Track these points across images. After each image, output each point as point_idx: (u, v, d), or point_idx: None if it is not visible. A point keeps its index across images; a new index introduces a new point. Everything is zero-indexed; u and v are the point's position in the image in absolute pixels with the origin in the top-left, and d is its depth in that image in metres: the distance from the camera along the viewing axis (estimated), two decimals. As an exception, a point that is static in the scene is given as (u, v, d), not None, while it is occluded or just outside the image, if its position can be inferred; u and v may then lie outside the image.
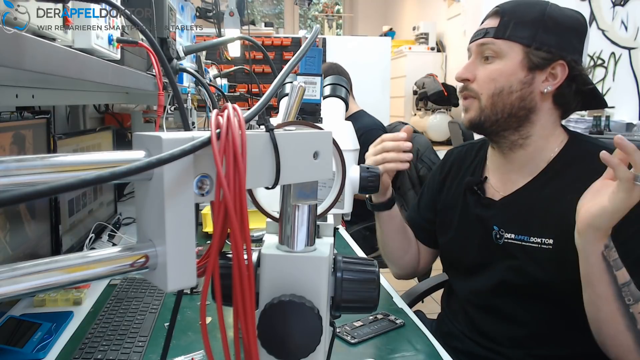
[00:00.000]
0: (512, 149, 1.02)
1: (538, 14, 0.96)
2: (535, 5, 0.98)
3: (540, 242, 0.95)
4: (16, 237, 1.00)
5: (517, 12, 0.97)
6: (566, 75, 0.95)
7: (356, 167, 0.75)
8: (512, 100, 0.96)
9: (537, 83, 0.96)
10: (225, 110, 0.34)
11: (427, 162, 2.16)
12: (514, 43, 0.96)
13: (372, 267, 0.48)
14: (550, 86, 0.96)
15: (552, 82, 0.96)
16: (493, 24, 0.99)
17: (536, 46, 0.94)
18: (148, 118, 1.85)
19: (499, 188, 1.06)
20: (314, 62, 0.65)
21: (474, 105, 1.00)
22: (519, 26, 0.96)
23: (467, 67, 1.01)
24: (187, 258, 0.34)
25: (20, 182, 0.28)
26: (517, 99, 0.96)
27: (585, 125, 2.80)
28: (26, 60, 0.48)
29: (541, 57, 0.94)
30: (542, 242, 0.95)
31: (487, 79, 0.98)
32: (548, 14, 0.95)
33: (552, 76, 0.96)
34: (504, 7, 0.99)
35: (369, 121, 2.32)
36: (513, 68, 0.96)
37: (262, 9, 7.15)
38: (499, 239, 1.02)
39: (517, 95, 0.96)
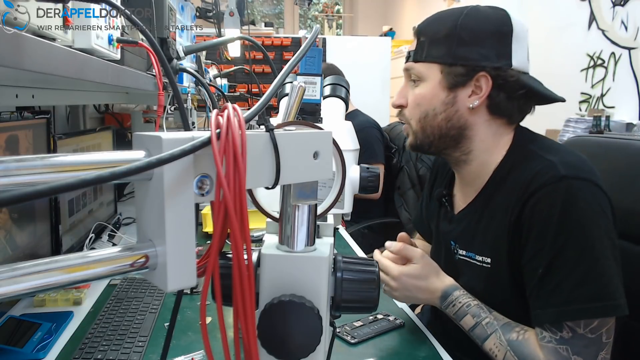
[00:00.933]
0: (459, 165, 0.99)
1: (450, 28, 0.90)
2: (449, 17, 0.92)
3: (481, 260, 0.94)
4: (16, 237, 1.00)
5: (430, 30, 0.93)
6: (491, 86, 0.90)
7: (356, 167, 0.75)
8: (439, 122, 0.93)
9: (461, 100, 0.91)
10: (225, 110, 0.34)
11: (427, 161, 2.16)
12: (431, 64, 0.92)
13: (372, 267, 0.48)
14: (476, 100, 0.91)
15: (478, 96, 0.90)
16: (412, 45, 0.96)
17: (452, 63, 0.90)
18: (148, 118, 1.85)
19: (459, 202, 1.04)
20: (314, 62, 0.65)
21: (409, 130, 0.99)
22: (433, 45, 0.92)
23: (400, 92, 1.00)
24: (187, 258, 0.34)
25: (20, 182, 0.28)
26: (443, 120, 0.93)
27: (585, 125, 2.79)
28: (26, 60, 0.48)
29: (458, 73, 0.90)
30: (483, 260, 0.94)
31: (413, 105, 0.96)
32: (461, 26, 0.90)
33: (478, 89, 0.91)
34: (420, 27, 0.96)
35: (363, 119, 2.32)
36: (434, 90, 0.92)
37: (262, 9, 7.15)
38: (455, 254, 1.01)
39: (442, 117, 0.93)
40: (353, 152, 0.81)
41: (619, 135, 2.43)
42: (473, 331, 0.91)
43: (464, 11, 0.92)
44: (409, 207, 2.17)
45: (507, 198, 0.89)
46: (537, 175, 0.84)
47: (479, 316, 0.91)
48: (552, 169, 0.84)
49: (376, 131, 2.28)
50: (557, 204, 0.81)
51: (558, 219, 0.81)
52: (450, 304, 0.94)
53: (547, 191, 0.83)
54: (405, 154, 2.24)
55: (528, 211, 0.84)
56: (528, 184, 0.85)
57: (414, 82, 0.96)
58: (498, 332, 0.88)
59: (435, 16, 0.95)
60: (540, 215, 0.83)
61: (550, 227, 0.82)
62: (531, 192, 0.84)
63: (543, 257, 0.83)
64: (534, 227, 0.84)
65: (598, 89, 2.99)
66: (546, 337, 0.83)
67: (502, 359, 0.87)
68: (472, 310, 0.92)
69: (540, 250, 0.83)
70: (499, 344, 0.87)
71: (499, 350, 0.87)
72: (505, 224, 0.88)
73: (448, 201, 1.06)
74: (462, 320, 0.92)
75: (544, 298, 0.83)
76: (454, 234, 1.02)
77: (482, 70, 0.89)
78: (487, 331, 0.89)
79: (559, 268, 0.82)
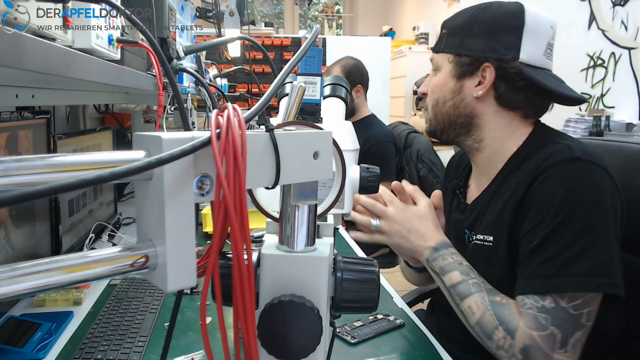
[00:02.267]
0: (472, 153, 1.03)
1: (465, 20, 0.96)
2: (468, 11, 0.97)
3: (483, 239, 0.97)
4: (16, 237, 1.00)
5: (450, 23, 0.99)
6: (494, 76, 0.93)
7: (356, 167, 0.75)
8: (447, 109, 0.99)
9: (467, 89, 0.96)
10: (225, 110, 0.34)
11: (427, 162, 2.15)
12: (446, 54, 0.99)
13: (372, 267, 0.48)
14: (481, 90, 0.95)
15: (482, 86, 0.95)
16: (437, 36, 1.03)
17: (460, 53, 0.95)
18: (148, 118, 1.85)
19: (473, 192, 1.07)
20: (314, 62, 0.65)
21: (426, 116, 1.05)
22: (450, 37, 0.98)
23: (426, 81, 1.05)
24: (187, 258, 0.34)
25: (20, 182, 0.28)
26: (451, 107, 0.98)
27: (585, 125, 2.79)
28: (26, 60, 0.48)
29: (465, 63, 0.95)
30: (484, 239, 0.96)
31: (429, 93, 1.03)
32: (475, 18, 0.94)
33: (484, 79, 0.95)
34: (445, 20, 1.01)
35: (381, 132, 2.24)
36: (444, 79, 0.99)
37: (262, 9, 7.15)
38: (470, 242, 1.02)
39: (449, 105, 0.98)
40: (353, 152, 0.81)
41: (615, 138, 2.43)
42: (455, 287, 0.91)
43: (483, 5, 0.96)
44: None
45: (518, 180, 0.91)
46: (550, 156, 0.87)
47: (467, 274, 0.92)
48: (565, 151, 0.86)
49: (393, 147, 2.22)
50: (564, 182, 0.83)
51: (563, 196, 0.83)
52: (439, 257, 0.95)
53: (557, 170, 0.85)
54: (405, 154, 2.23)
55: (535, 187, 0.86)
56: (540, 163, 0.87)
57: (434, 71, 1.02)
58: (483, 292, 0.89)
59: (460, 10, 1.00)
60: (545, 191, 0.85)
61: (553, 202, 0.83)
62: (541, 170, 0.86)
63: (540, 230, 0.84)
64: (538, 202, 0.85)
65: (598, 89, 2.99)
66: (527, 303, 0.83)
67: (478, 318, 0.87)
68: (462, 268, 0.93)
69: (539, 224, 0.84)
70: (480, 303, 0.88)
71: (478, 309, 0.88)
72: (511, 202, 0.90)
73: (462, 192, 1.09)
74: (447, 274, 0.93)
75: (532, 269, 0.84)
76: (468, 222, 1.03)
77: (486, 61, 0.93)
78: (471, 289, 0.90)
79: (555, 241, 0.82)
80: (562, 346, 0.80)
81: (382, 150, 2.17)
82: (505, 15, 0.94)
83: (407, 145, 2.23)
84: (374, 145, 2.17)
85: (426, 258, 0.97)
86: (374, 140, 2.18)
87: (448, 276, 0.93)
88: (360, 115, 2.30)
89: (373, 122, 2.30)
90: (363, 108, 2.32)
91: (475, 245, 0.99)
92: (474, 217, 1.02)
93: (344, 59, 2.32)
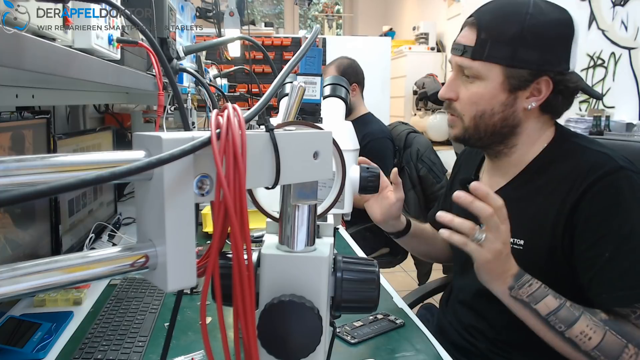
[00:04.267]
0: (497, 156, 1.01)
1: (517, 29, 0.88)
2: (514, 16, 0.89)
3: (512, 242, 0.94)
4: (16, 237, 1.00)
5: (494, 28, 0.90)
6: (551, 90, 0.91)
7: (356, 167, 0.75)
8: (495, 122, 0.94)
9: (520, 101, 0.92)
10: (225, 110, 0.34)
11: (427, 162, 2.15)
12: (492, 65, 0.90)
13: (372, 267, 0.48)
14: (534, 102, 0.92)
15: (536, 98, 0.92)
16: (470, 39, 0.92)
17: (516, 65, 0.89)
18: (148, 118, 1.85)
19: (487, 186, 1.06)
20: (314, 62, 0.65)
21: (458, 123, 0.99)
22: (497, 45, 0.89)
23: (449, 85, 0.98)
24: (187, 258, 0.34)
25: (20, 182, 0.28)
26: (500, 120, 0.94)
27: (585, 125, 2.79)
28: (26, 60, 0.48)
29: (522, 76, 0.90)
30: (514, 242, 0.93)
31: (468, 102, 0.95)
32: (528, 27, 0.88)
33: (536, 91, 0.92)
34: (481, 20, 0.92)
35: (378, 129, 2.25)
36: (494, 91, 0.92)
37: (262, 9, 7.15)
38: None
39: (499, 117, 0.94)
40: (353, 152, 0.81)
41: (617, 136, 2.43)
42: (557, 314, 0.82)
43: (529, 9, 0.89)
44: (409, 208, 2.17)
45: (553, 186, 0.91)
46: (596, 165, 0.87)
47: (560, 298, 0.84)
48: (610, 160, 0.87)
49: (390, 143, 2.22)
50: (621, 193, 0.84)
51: (624, 206, 0.84)
52: (526, 283, 0.85)
53: (610, 180, 0.85)
54: (405, 154, 2.23)
55: (589, 200, 0.86)
56: (586, 173, 0.87)
57: (467, 77, 0.94)
58: (586, 313, 0.83)
59: (499, 12, 0.91)
60: (603, 203, 0.85)
61: (615, 214, 0.84)
62: (592, 181, 0.86)
63: (609, 242, 0.84)
64: (597, 215, 0.85)
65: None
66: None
67: (598, 341, 0.81)
68: (552, 291, 0.85)
69: (604, 236, 0.84)
70: (593, 325, 0.82)
71: (595, 332, 0.81)
72: (553, 209, 0.89)
73: None
74: (540, 302, 0.83)
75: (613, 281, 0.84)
76: None
77: (546, 74, 0.90)
78: (575, 313, 0.82)
79: (629, 252, 0.83)
80: None
81: (378, 146, 2.18)
82: (558, 25, 0.90)
83: (407, 145, 2.23)
84: (370, 142, 2.17)
85: (510, 286, 0.85)
86: (370, 137, 2.18)
87: (543, 303, 0.83)
88: (358, 114, 2.31)
89: (370, 120, 2.32)
90: (360, 106, 2.33)
91: None
92: None
93: (339, 59, 2.33)
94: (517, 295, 0.85)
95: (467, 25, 0.95)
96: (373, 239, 2.27)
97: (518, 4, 0.91)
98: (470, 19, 0.95)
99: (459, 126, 0.99)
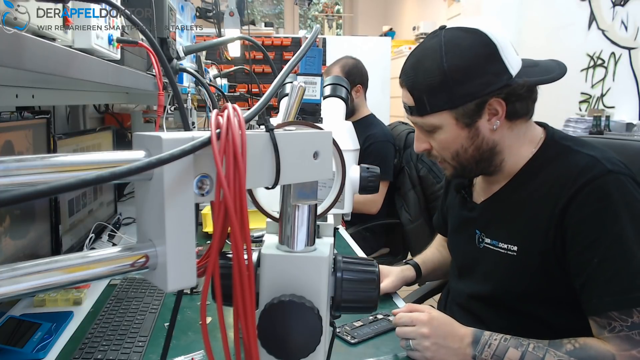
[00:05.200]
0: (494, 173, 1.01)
1: (440, 74, 0.88)
2: (431, 63, 0.90)
3: (506, 248, 0.96)
4: (16, 237, 1.00)
5: (421, 83, 0.91)
6: (505, 104, 0.91)
7: (356, 167, 0.75)
8: (472, 154, 0.96)
9: (483, 128, 0.93)
10: (225, 110, 0.34)
11: (427, 162, 2.15)
12: (439, 113, 0.92)
13: (372, 267, 0.48)
14: (497, 121, 0.92)
15: (497, 117, 0.92)
16: (409, 99, 0.94)
17: (459, 104, 0.90)
18: (148, 118, 1.85)
19: (481, 192, 1.07)
20: (314, 62, 0.65)
21: (447, 166, 1.01)
22: (432, 96, 0.91)
23: (419, 139, 1.01)
24: (187, 258, 0.34)
25: (20, 182, 0.28)
26: (474, 151, 0.95)
27: (585, 125, 2.79)
28: (26, 60, 0.48)
29: (470, 109, 0.90)
30: (508, 248, 0.95)
31: (440, 148, 0.98)
32: (449, 67, 0.88)
33: (493, 112, 0.92)
34: (407, 80, 0.94)
35: (381, 132, 2.23)
36: (454, 133, 0.93)
37: (262, 9, 7.15)
38: (480, 243, 1.03)
39: (472, 149, 0.95)
40: (353, 152, 0.81)
41: (618, 136, 2.43)
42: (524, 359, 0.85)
43: (442, 51, 0.89)
44: (410, 208, 2.17)
45: (544, 190, 0.91)
46: (585, 169, 0.87)
47: (521, 345, 0.87)
48: (598, 164, 0.87)
49: (392, 147, 2.21)
50: (609, 197, 0.84)
51: (612, 210, 0.84)
52: (486, 345, 0.88)
53: (599, 184, 0.85)
54: (405, 154, 2.23)
55: (577, 204, 0.86)
56: (575, 177, 0.87)
57: (428, 132, 0.97)
58: (550, 350, 0.85)
59: (418, 65, 0.93)
60: (591, 207, 0.85)
61: (604, 219, 0.84)
62: (580, 186, 0.86)
63: (597, 247, 0.84)
64: (586, 220, 0.86)
65: (598, 89, 2.99)
66: (616, 327, 0.83)
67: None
68: (512, 342, 0.87)
69: (594, 241, 0.85)
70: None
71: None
72: (544, 215, 0.90)
73: (467, 192, 1.09)
74: (505, 356, 0.86)
75: (601, 286, 0.84)
76: (480, 223, 1.03)
77: (492, 96, 0.90)
78: (538, 354, 0.85)
79: (617, 257, 0.83)
80: None
81: (380, 149, 2.17)
82: (474, 49, 0.89)
83: (407, 145, 2.23)
84: (372, 144, 2.17)
85: (472, 355, 0.89)
86: (373, 139, 2.18)
87: (507, 358, 0.86)
88: (360, 115, 2.30)
89: (373, 122, 2.29)
90: (363, 108, 2.31)
91: (490, 250, 1.00)
92: (487, 219, 1.02)
93: (344, 58, 2.31)
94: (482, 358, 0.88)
95: (401, 86, 0.97)
96: (373, 239, 2.27)
97: (430, 49, 0.91)
98: (400, 80, 0.97)
99: (449, 168, 1.01)
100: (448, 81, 0.89)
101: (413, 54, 0.96)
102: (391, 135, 2.27)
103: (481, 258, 1.02)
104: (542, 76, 0.92)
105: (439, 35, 0.92)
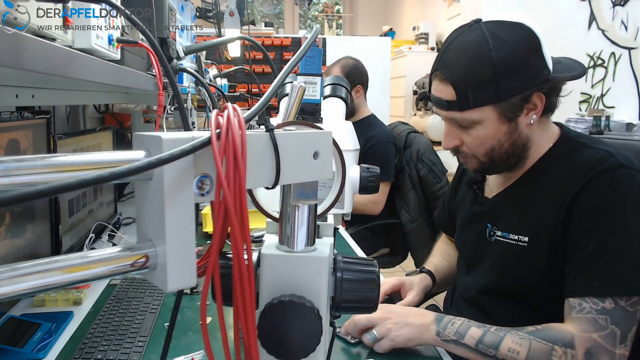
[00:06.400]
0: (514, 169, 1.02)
1: (489, 69, 0.88)
2: (480, 58, 0.89)
3: (517, 239, 0.97)
4: (16, 237, 1.00)
5: (468, 78, 0.90)
6: (544, 99, 0.92)
7: (356, 167, 0.75)
8: (506, 149, 0.96)
9: (521, 122, 0.94)
10: (225, 110, 0.34)
11: (428, 162, 2.15)
12: (483, 108, 0.91)
13: (372, 267, 0.48)
14: (535, 115, 0.94)
15: (535, 111, 0.93)
16: (449, 93, 0.92)
17: (505, 98, 0.90)
18: (148, 118, 1.85)
19: (493, 187, 1.08)
20: (314, 62, 0.65)
21: (473, 161, 1.00)
22: (478, 90, 0.90)
23: (449, 135, 0.99)
24: (187, 258, 0.34)
25: (20, 182, 0.28)
26: (510, 145, 0.96)
27: (585, 125, 2.79)
28: (26, 60, 0.48)
29: (515, 104, 0.91)
30: (519, 239, 0.97)
31: (475, 144, 0.97)
32: (498, 62, 0.87)
33: (532, 106, 0.93)
34: (451, 75, 0.91)
35: (382, 133, 2.23)
36: (495, 127, 0.93)
37: (262, 9, 7.15)
38: (491, 236, 1.03)
39: (508, 144, 0.95)
40: (353, 152, 0.81)
41: (618, 136, 2.43)
42: (482, 340, 0.87)
43: (489, 45, 0.88)
44: (410, 208, 2.17)
45: (557, 182, 0.93)
46: (598, 162, 0.89)
47: (484, 326, 0.89)
48: (611, 158, 0.89)
49: (393, 148, 2.21)
50: (618, 189, 0.86)
51: (618, 202, 0.86)
52: (449, 323, 0.91)
53: (609, 176, 0.87)
54: (405, 154, 2.23)
55: (586, 193, 0.88)
56: (588, 169, 0.89)
57: (463, 126, 0.96)
58: (512, 331, 0.87)
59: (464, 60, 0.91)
60: (598, 197, 0.87)
61: (608, 208, 0.86)
62: (591, 176, 0.88)
63: (597, 235, 0.86)
64: (591, 208, 0.87)
65: (598, 89, 2.99)
66: (585, 308, 0.84)
67: (526, 352, 0.84)
68: (474, 322, 0.90)
69: (594, 229, 0.86)
70: (518, 339, 0.85)
71: (522, 345, 0.85)
72: (554, 206, 0.91)
73: (479, 187, 1.11)
74: (467, 334, 0.88)
75: (591, 272, 0.85)
76: (491, 216, 1.04)
77: (535, 91, 0.91)
78: (499, 334, 0.87)
79: (614, 246, 0.84)
80: (622, 341, 0.83)
81: (382, 150, 2.17)
82: (522, 43, 0.89)
83: (407, 145, 2.23)
84: (374, 145, 2.17)
85: (436, 331, 0.90)
86: (374, 140, 2.17)
87: (468, 335, 0.88)
88: (361, 116, 2.29)
89: (374, 122, 2.29)
90: (363, 108, 2.31)
91: (500, 242, 1.00)
92: (498, 212, 1.03)
93: (344, 59, 2.31)
94: (445, 337, 0.90)
95: (437, 79, 0.95)
96: (373, 239, 2.27)
97: (476, 44, 0.90)
98: (437, 73, 0.94)
99: (474, 163, 1.00)
100: (497, 75, 0.88)
101: (453, 48, 0.93)
102: (392, 135, 2.26)
103: (491, 251, 1.03)
104: (569, 72, 0.94)
105: (478, 28, 0.91)
